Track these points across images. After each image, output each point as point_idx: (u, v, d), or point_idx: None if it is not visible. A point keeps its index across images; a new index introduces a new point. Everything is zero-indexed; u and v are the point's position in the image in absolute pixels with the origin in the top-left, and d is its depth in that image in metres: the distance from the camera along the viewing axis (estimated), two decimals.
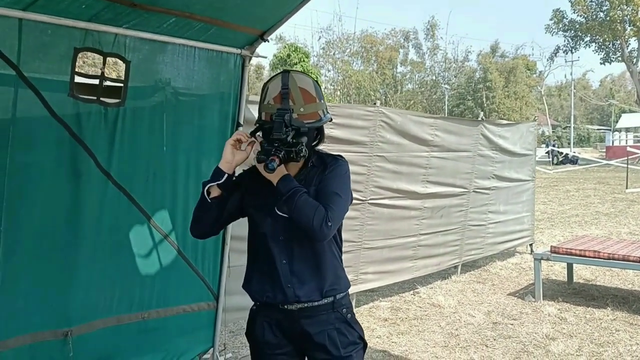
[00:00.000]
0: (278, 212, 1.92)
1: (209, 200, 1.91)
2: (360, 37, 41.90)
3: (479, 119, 6.89)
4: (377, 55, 40.83)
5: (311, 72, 30.84)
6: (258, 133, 1.96)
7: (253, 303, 2.08)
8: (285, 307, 1.96)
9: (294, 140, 1.86)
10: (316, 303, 1.95)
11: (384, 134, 5.23)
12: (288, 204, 1.85)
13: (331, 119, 2.06)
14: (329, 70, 40.30)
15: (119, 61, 2.86)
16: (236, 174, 2.00)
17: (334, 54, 40.32)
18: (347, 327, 2.00)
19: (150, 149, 3.09)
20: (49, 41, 2.49)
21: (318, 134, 2.03)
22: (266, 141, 1.86)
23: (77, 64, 2.56)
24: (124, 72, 2.86)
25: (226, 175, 1.90)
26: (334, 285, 1.98)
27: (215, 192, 1.91)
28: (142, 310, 3.21)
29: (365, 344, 2.06)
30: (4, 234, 2.47)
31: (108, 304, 3.01)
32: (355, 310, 2.09)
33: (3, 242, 2.48)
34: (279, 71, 2.00)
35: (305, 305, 1.95)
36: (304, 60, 32.42)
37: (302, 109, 1.90)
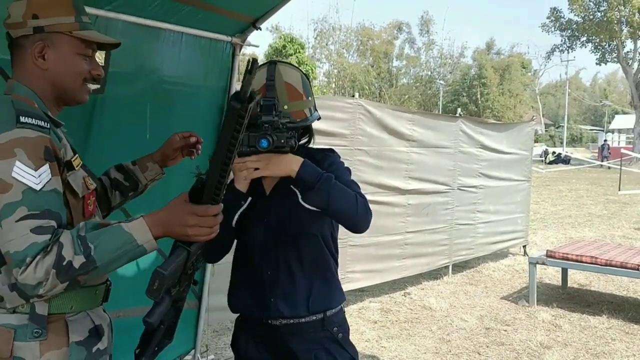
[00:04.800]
0: (305, 204, 1.65)
1: (233, 226, 1.73)
2: (356, 29, 41.71)
3: (457, 114, 6.71)
4: (373, 48, 40.68)
5: (306, 64, 30.65)
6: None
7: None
8: (269, 322, 1.78)
9: (285, 127, 1.64)
10: (303, 320, 1.76)
11: (363, 127, 5.17)
12: (322, 192, 1.61)
13: (319, 118, 1.82)
14: (323, 63, 40.11)
15: None
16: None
17: (326, 44, 40.10)
18: (338, 347, 1.80)
19: (132, 140, 2.88)
20: None
21: (306, 132, 1.84)
22: (251, 129, 1.62)
23: None
24: (103, 58, 2.65)
25: (249, 197, 1.72)
26: (323, 300, 1.78)
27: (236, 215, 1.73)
28: (116, 309, 3.02)
29: None
30: None
31: None
32: (344, 309, 1.89)
33: None
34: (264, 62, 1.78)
35: (291, 321, 1.76)
36: (299, 52, 32.19)
37: (285, 107, 1.68)
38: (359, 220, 1.66)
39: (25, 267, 1.23)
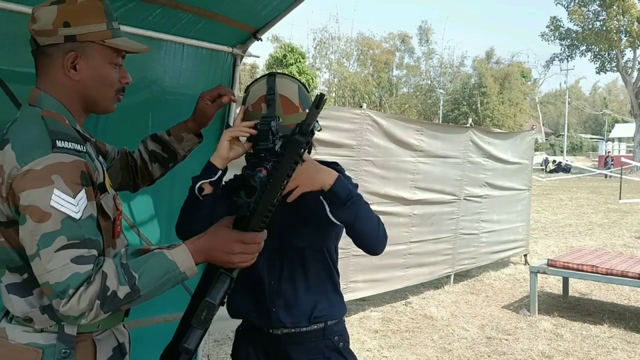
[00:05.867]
0: (333, 218, 1.63)
1: (201, 198, 1.69)
2: (357, 39, 41.88)
3: (468, 125, 6.74)
4: (374, 58, 40.83)
5: (307, 74, 30.74)
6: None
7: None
8: (270, 331, 1.78)
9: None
10: (304, 329, 1.76)
11: (370, 137, 5.16)
12: (350, 211, 1.60)
13: (320, 129, 1.77)
14: (324, 72, 40.24)
15: None
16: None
17: (325, 53, 40.26)
18: (339, 356, 1.80)
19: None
20: (22, 32, 2.30)
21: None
22: (250, 153, 1.64)
23: None
24: None
25: (220, 172, 1.69)
26: (324, 311, 1.78)
27: (207, 189, 1.69)
28: (132, 319, 3.02)
29: None
30: None
31: None
32: (345, 320, 1.90)
33: None
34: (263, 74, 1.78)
35: (292, 330, 1.76)
36: (299, 61, 32.31)
37: (280, 120, 1.65)
38: (379, 243, 1.68)
39: (68, 299, 1.19)
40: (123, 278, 1.24)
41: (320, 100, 1.28)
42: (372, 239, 1.67)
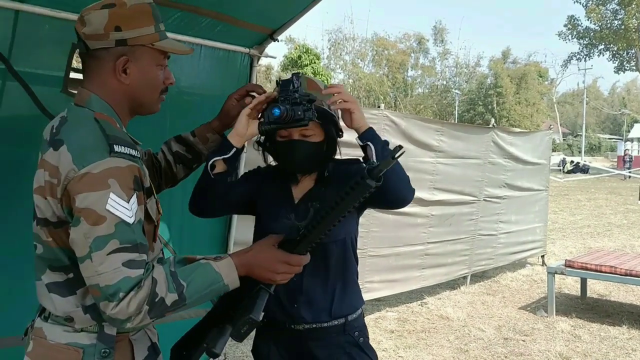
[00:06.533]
0: (374, 159, 1.64)
1: (212, 176, 1.70)
2: (371, 39, 41.82)
3: (490, 125, 6.71)
4: (389, 59, 40.73)
5: (322, 75, 30.75)
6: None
7: None
8: (292, 327, 1.80)
9: (303, 100, 1.62)
10: (325, 324, 1.78)
11: (388, 138, 5.09)
12: (387, 153, 1.61)
13: (342, 135, 1.84)
14: (339, 73, 40.24)
15: None
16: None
17: (340, 54, 40.24)
18: (360, 352, 1.82)
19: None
20: (45, 35, 2.35)
21: (332, 145, 1.84)
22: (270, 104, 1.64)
23: (74, 59, 2.42)
24: None
25: (234, 150, 1.69)
26: (344, 305, 1.81)
27: (220, 167, 1.70)
28: None
29: None
30: None
31: None
32: (364, 314, 1.91)
33: None
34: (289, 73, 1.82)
35: (313, 326, 1.78)
36: (314, 62, 32.31)
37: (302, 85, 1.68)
38: (409, 190, 1.73)
39: (117, 302, 1.21)
40: (172, 286, 1.27)
41: (397, 152, 1.32)
42: (405, 184, 1.71)
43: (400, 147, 1.33)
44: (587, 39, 38.39)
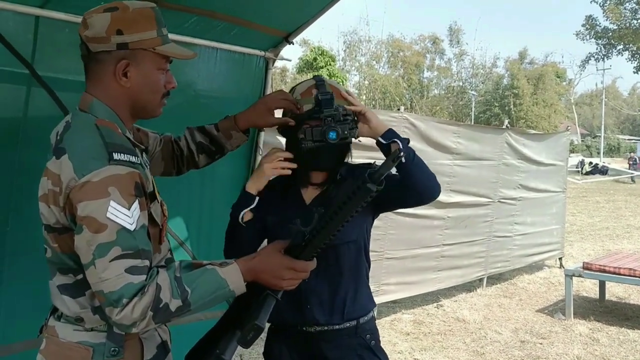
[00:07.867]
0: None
1: (244, 225, 1.81)
2: (387, 41, 41.74)
3: (504, 126, 6.67)
4: (404, 60, 40.61)
5: (337, 76, 30.77)
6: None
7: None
8: (304, 328, 1.81)
9: (345, 118, 1.71)
10: (337, 326, 1.79)
11: None
12: (409, 150, 1.72)
13: (360, 140, 1.87)
14: (354, 75, 40.20)
15: None
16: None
17: (355, 56, 40.20)
18: (371, 354, 1.82)
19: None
20: (66, 39, 2.39)
21: (346, 148, 1.86)
22: (314, 124, 1.71)
23: None
24: None
25: (257, 199, 1.81)
26: (357, 307, 1.82)
27: (248, 216, 1.81)
28: None
29: None
30: (11, 234, 2.38)
31: None
32: (376, 322, 1.92)
33: (9, 242, 2.38)
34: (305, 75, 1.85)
35: (325, 328, 1.79)
36: (330, 64, 32.34)
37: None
38: (436, 183, 1.76)
39: (121, 308, 1.23)
40: (176, 291, 1.28)
41: (396, 155, 1.33)
42: (430, 177, 1.75)
43: (399, 150, 1.36)
44: (605, 39, 37.89)
